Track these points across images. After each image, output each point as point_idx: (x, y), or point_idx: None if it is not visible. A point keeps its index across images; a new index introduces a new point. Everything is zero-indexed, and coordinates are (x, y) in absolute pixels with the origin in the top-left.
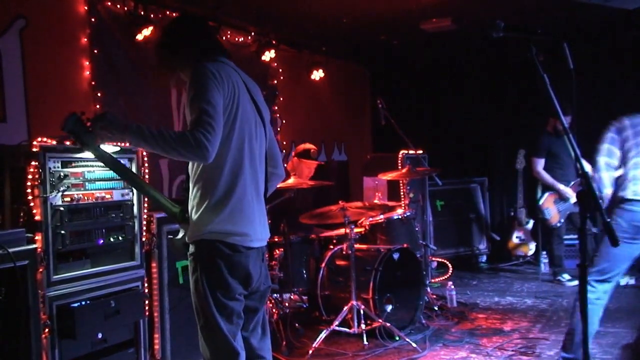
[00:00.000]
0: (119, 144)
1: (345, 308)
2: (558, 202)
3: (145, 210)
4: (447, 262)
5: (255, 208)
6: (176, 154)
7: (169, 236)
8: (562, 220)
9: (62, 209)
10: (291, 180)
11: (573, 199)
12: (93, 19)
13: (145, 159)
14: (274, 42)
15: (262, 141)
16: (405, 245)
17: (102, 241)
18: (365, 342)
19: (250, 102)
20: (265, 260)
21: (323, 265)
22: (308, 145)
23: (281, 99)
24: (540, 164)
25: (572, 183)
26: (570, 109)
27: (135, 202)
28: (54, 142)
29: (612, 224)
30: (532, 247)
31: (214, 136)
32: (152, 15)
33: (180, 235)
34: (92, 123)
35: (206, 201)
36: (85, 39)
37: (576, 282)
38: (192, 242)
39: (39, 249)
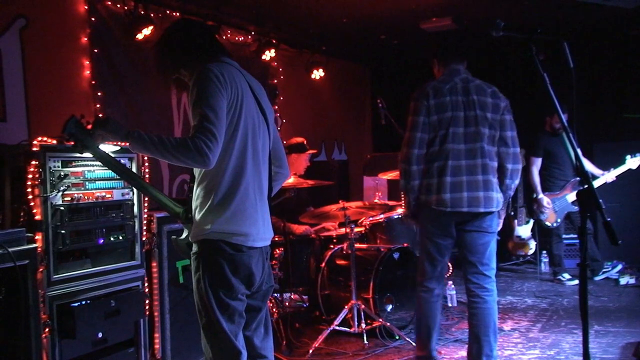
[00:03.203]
0: (119, 143)
1: (346, 307)
2: (554, 202)
3: (146, 210)
4: (448, 262)
5: (259, 208)
6: (177, 161)
7: (172, 236)
8: (560, 220)
9: (62, 208)
10: (291, 180)
11: (571, 197)
12: (93, 19)
13: (146, 158)
14: (274, 41)
15: (265, 141)
16: (405, 245)
17: (102, 241)
18: (366, 342)
19: (254, 102)
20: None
21: (323, 264)
22: (299, 139)
23: (281, 98)
24: (536, 163)
25: (570, 182)
26: (567, 108)
27: (135, 201)
28: (54, 142)
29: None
30: (533, 246)
31: (215, 143)
32: (152, 15)
33: (184, 235)
34: (93, 126)
35: (209, 201)
36: (85, 39)
37: (576, 282)
38: (195, 242)
39: (39, 249)
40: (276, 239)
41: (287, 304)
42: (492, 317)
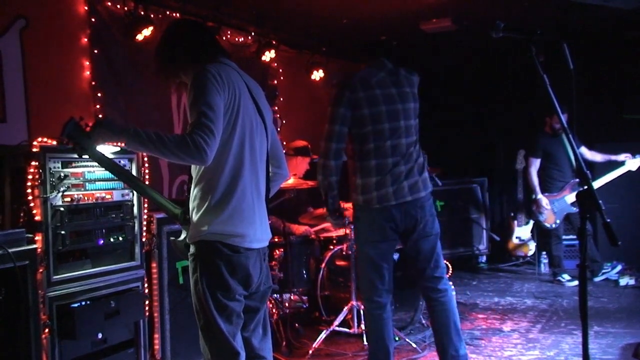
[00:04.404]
0: (118, 144)
1: (345, 308)
2: (553, 203)
3: (146, 211)
4: (447, 262)
5: (256, 209)
6: (175, 158)
7: (171, 237)
8: (559, 221)
9: (62, 209)
10: (291, 181)
11: (570, 199)
12: (93, 19)
13: (145, 159)
14: (273, 42)
15: (263, 142)
16: None
17: (102, 241)
18: (365, 343)
19: (252, 103)
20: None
21: (323, 265)
22: (302, 142)
23: (281, 99)
24: (535, 164)
25: (569, 183)
26: (567, 109)
27: (135, 202)
28: (54, 143)
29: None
30: (532, 247)
31: (213, 139)
32: (152, 16)
33: (182, 236)
34: (91, 128)
35: (206, 202)
36: (85, 39)
37: (576, 282)
38: (192, 243)
39: (39, 249)
40: (276, 239)
41: (286, 304)
42: (449, 317)
